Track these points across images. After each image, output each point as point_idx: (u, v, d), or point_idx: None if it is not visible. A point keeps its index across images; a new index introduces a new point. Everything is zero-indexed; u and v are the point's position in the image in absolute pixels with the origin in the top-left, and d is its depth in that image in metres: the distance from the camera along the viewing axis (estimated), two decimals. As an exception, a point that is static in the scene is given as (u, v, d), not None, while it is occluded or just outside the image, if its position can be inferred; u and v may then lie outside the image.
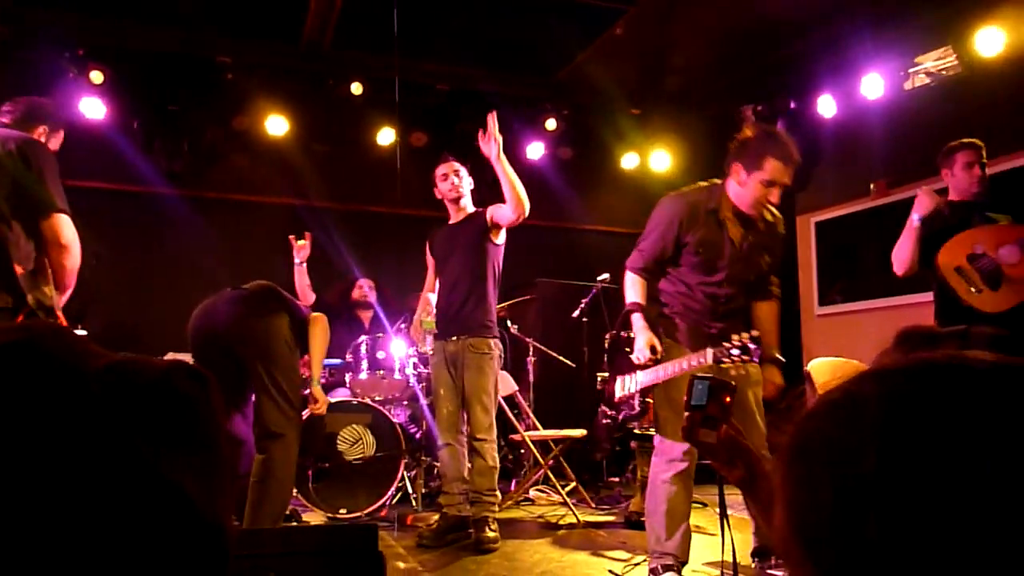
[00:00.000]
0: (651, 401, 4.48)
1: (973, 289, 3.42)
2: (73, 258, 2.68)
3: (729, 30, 5.75)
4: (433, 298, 4.27)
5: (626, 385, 3.45)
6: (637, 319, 3.14)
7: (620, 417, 4.56)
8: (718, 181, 3.24)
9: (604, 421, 4.91)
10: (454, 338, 3.97)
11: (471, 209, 4.23)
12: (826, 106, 6.01)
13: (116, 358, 0.49)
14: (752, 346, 2.69)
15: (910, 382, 0.49)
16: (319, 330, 3.77)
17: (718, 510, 2.04)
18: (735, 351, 2.70)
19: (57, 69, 5.55)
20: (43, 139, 2.95)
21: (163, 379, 0.49)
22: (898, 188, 5.70)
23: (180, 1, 5.34)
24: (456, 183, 4.20)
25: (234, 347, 3.53)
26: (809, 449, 0.52)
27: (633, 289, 3.21)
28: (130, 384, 0.46)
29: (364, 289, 5.37)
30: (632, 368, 3.27)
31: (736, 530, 4.14)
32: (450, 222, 4.27)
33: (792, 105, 6.28)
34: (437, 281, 4.26)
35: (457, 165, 4.33)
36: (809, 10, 5.34)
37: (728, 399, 1.36)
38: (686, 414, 1.36)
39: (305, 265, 4.33)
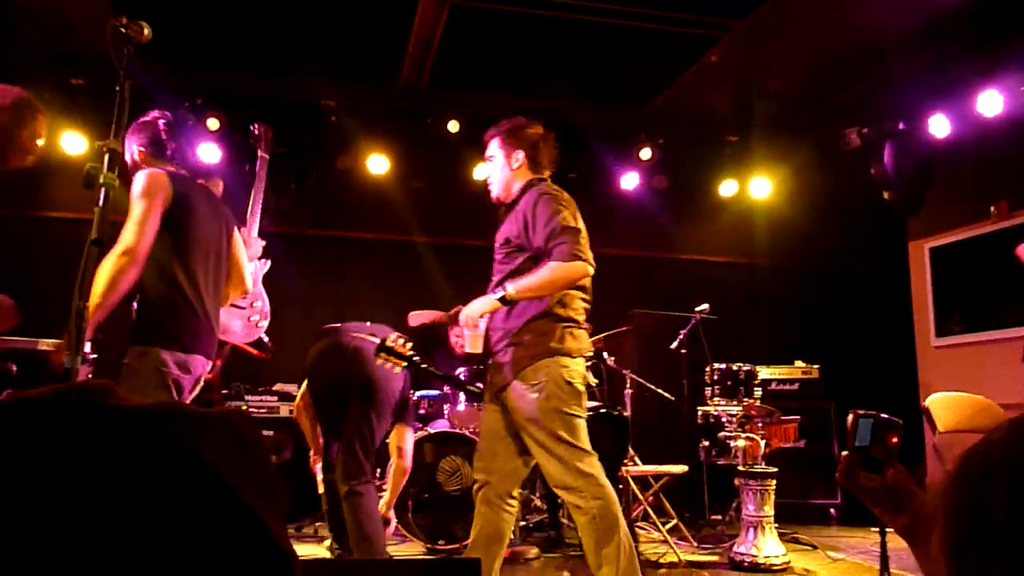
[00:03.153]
0: (756, 438, 4.33)
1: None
2: None
3: (828, 52, 5.58)
4: None
5: None
6: None
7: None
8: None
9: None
10: None
11: None
12: (939, 126, 5.72)
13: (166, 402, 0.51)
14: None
15: None
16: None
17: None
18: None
19: (178, 118, 5.93)
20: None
21: (225, 417, 0.50)
22: (1021, 210, 5.35)
23: (288, 50, 5.64)
24: None
25: (350, 395, 3.54)
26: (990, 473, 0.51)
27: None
28: (197, 422, 0.48)
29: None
30: None
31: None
32: None
33: (900, 126, 6.01)
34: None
35: None
36: (912, 28, 5.13)
37: (895, 439, 1.25)
38: (844, 454, 1.27)
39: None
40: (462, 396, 4.86)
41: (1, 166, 2.78)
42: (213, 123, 5.97)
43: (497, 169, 3.11)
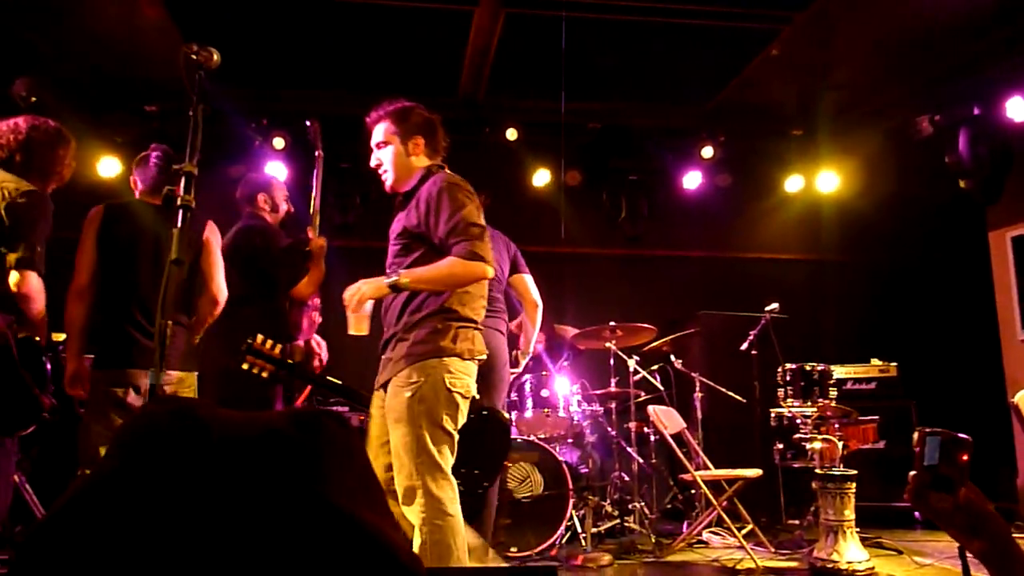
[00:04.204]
0: (833, 439, 4.21)
1: None
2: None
3: (896, 39, 5.40)
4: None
5: None
6: None
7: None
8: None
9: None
10: None
11: None
12: (1017, 109, 5.47)
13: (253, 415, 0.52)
14: None
15: None
16: None
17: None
18: None
19: (245, 138, 6.14)
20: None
21: (312, 424, 0.51)
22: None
23: (348, 67, 5.76)
24: None
25: None
26: None
27: None
28: (314, 451, 0.49)
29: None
30: None
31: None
32: None
33: (976, 111, 5.77)
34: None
35: None
36: (983, 8, 4.92)
37: (965, 457, 1.19)
38: (912, 474, 1.22)
39: None
40: (529, 403, 4.86)
41: (42, 189, 3.03)
42: (279, 142, 6.14)
43: (391, 157, 2.90)
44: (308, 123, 5.56)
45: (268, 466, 0.47)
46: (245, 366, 2.74)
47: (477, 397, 2.75)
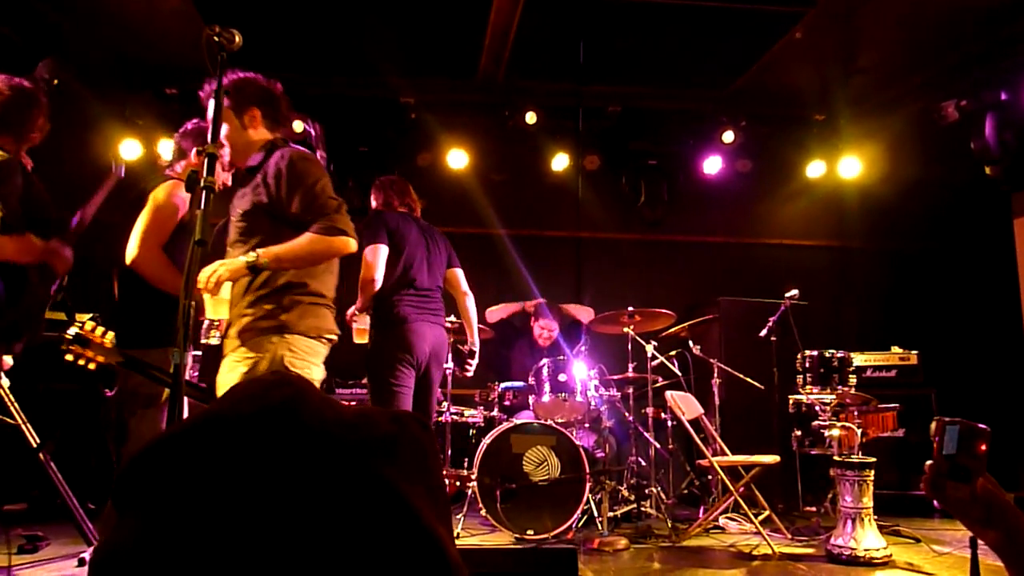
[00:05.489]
0: (852, 427, 4.19)
1: None
2: None
3: (921, 22, 5.31)
4: None
5: None
6: None
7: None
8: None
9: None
10: None
11: None
12: (1045, 94, 5.37)
13: (357, 409, 0.53)
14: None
15: None
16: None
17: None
18: None
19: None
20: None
21: (398, 424, 0.52)
22: None
23: (367, 50, 5.75)
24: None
25: (434, 369, 3.80)
26: None
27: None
28: (377, 430, 0.50)
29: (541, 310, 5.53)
30: None
31: None
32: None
33: (1003, 96, 5.67)
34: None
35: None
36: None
37: (983, 447, 1.18)
38: (929, 463, 1.20)
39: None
40: (547, 387, 4.87)
41: (15, 151, 3.00)
42: (298, 125, 6.15)
43: (227, 131, 2.67)
44: (309, 128, 5.57)
45: (356, 455, 0.48)
46: (68, 357, 2.43)
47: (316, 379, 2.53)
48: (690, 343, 5.47)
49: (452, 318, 4.24)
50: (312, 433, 0.48)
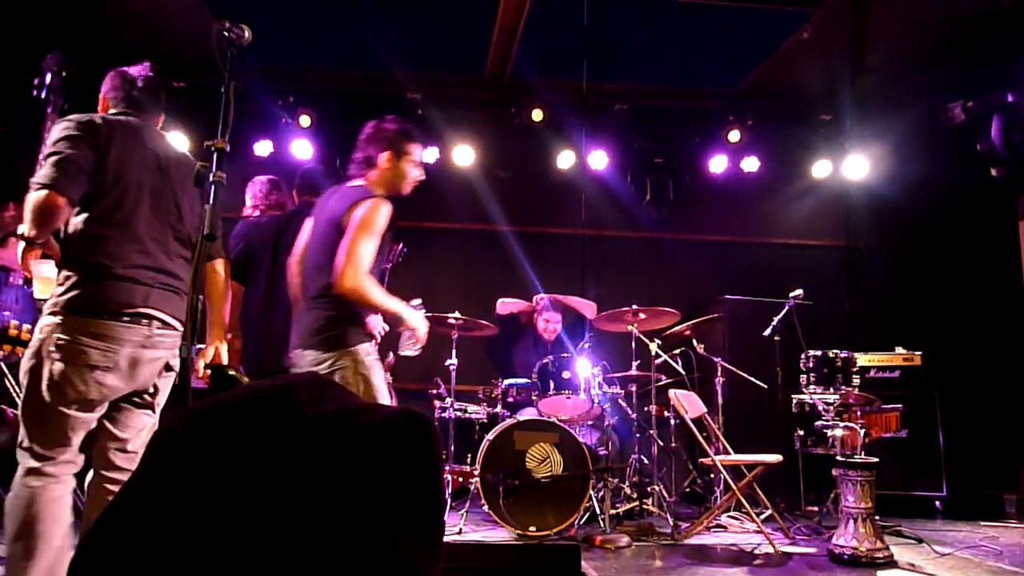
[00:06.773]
0: (855, 427, 4.19)
1: None
2: None
3: (929, 22, 5.30)
4: None
5: None
6: None
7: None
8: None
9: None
10: None
11: None
12: (1053, 96, 5.35)
13: (353, 404, 0.53)
14: None
15: None
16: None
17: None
18: None
19: (272, 115, 6.19)
20: None
21: (390, 424, 0.51)
22: None
23: (374, 45, 5.75)
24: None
25: None
26: None
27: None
28: (360, 429, 0.49)
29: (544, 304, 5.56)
30: None
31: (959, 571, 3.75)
32: None
33: (1010, 98, 5.65)
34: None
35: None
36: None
37: None
38: None
39: None
40: (551, 384, 4.88)
41: None
42: (305, 120, 6.17)
43: None
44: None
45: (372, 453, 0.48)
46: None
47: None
48: (694, 342, 5.47)
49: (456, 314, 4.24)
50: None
